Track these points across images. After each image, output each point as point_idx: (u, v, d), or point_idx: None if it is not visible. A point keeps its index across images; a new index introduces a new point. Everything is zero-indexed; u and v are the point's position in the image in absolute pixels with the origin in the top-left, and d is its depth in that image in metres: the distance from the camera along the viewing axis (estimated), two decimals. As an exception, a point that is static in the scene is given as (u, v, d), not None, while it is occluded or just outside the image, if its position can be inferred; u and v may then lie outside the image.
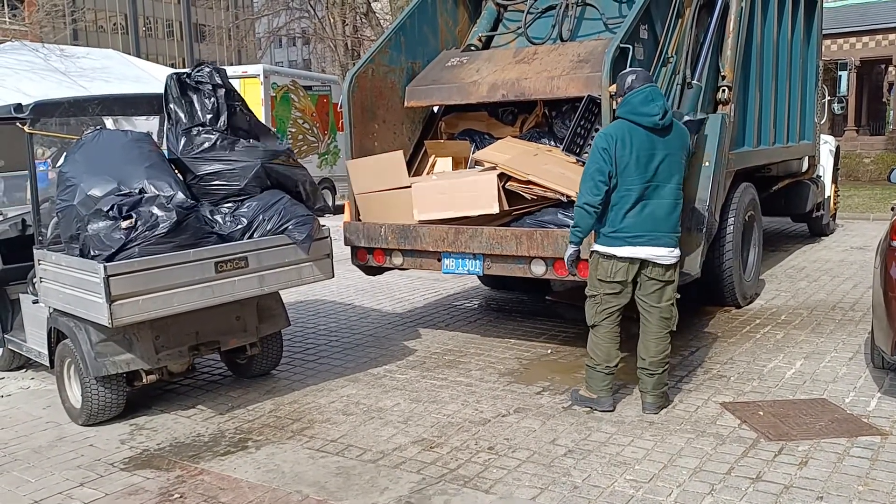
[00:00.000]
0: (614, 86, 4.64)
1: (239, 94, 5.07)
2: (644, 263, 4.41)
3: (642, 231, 4.35)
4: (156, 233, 4.32)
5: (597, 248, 4.51)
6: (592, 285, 4.58)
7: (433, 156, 6.46)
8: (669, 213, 4.41)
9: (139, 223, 4.27)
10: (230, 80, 5.02)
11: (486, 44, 6.87)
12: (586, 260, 4.81)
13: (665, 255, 4.41)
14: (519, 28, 6.60)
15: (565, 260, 4.62)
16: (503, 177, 5.50)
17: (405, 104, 6.46)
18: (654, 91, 4.43)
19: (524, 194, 5.49)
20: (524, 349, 5.99)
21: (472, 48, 6.75)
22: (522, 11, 6.54)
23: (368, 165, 5.98)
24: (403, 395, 5.05)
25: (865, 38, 23.41)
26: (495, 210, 5.38)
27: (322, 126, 17.44)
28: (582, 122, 5.63)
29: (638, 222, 4.35)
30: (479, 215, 5.47)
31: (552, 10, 6.41)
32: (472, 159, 6.20)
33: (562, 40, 6.22)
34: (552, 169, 5.48)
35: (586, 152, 5.58)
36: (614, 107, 4.68)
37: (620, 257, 4.40)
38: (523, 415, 4.63)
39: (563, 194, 5.32)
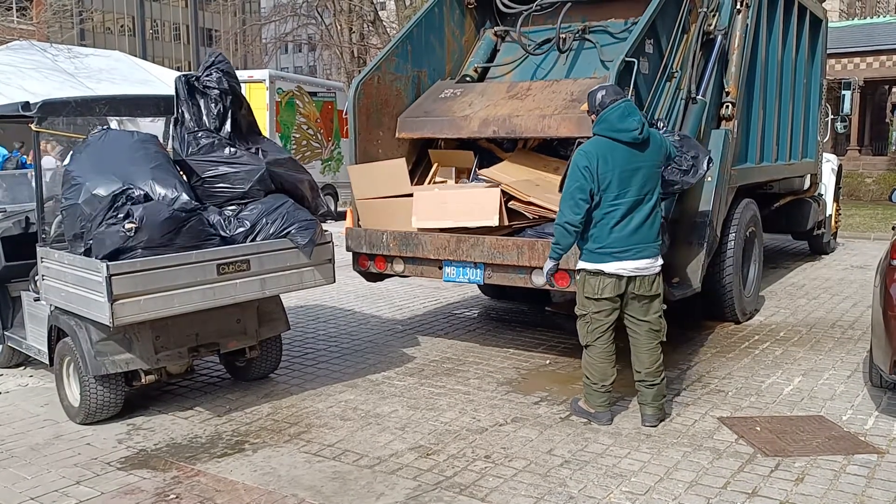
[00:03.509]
0: (585, 104, 4.58)
1: (243, 100, 5.08)
2: (630, 279, 4.40)
3: (628, 245, 4.35)
4: (159, 233, 4.34)
5: (583, 265, 4.49)
6: (581, 304, 4.55)
7: (436, 164, 6.48)
8: (652, 224, 4.42)
9: (143, 223, 4.29)
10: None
11: (482, 75, 6.80)
12: (565, 271, 4.84)
13: (649, 265, 4.43)
14: (515, 61, 6.55)
15: (544, 273, 4.66)
16: (505, 195, 5.53)
17: (396, 135, 6.34)
18: (629, 105, 4.42)
19: (525, 213, 5.52)
20: (523, 359, 6.00)
21: (468, 79, 6.68)
22: (517, 42, 6.52)
23: (370, 171, 5.99)
24: (401, 402, 5.05)
25: (870, 59, 23.52)
26: (494, 222, 5.38)
27: (326, 132, 17.47)
28: None
29: (624, 237, 4.35)
30: (477, 227, 5.48)
31: (549, 42, 6.41)
32: (474, 171, 6.22)
33: (560, 51, 6.21)
34: (554, 197, 5.51)
35: None
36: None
37: (608, 273, 4.38)
38: (520, 424, 4.63)
39: None
